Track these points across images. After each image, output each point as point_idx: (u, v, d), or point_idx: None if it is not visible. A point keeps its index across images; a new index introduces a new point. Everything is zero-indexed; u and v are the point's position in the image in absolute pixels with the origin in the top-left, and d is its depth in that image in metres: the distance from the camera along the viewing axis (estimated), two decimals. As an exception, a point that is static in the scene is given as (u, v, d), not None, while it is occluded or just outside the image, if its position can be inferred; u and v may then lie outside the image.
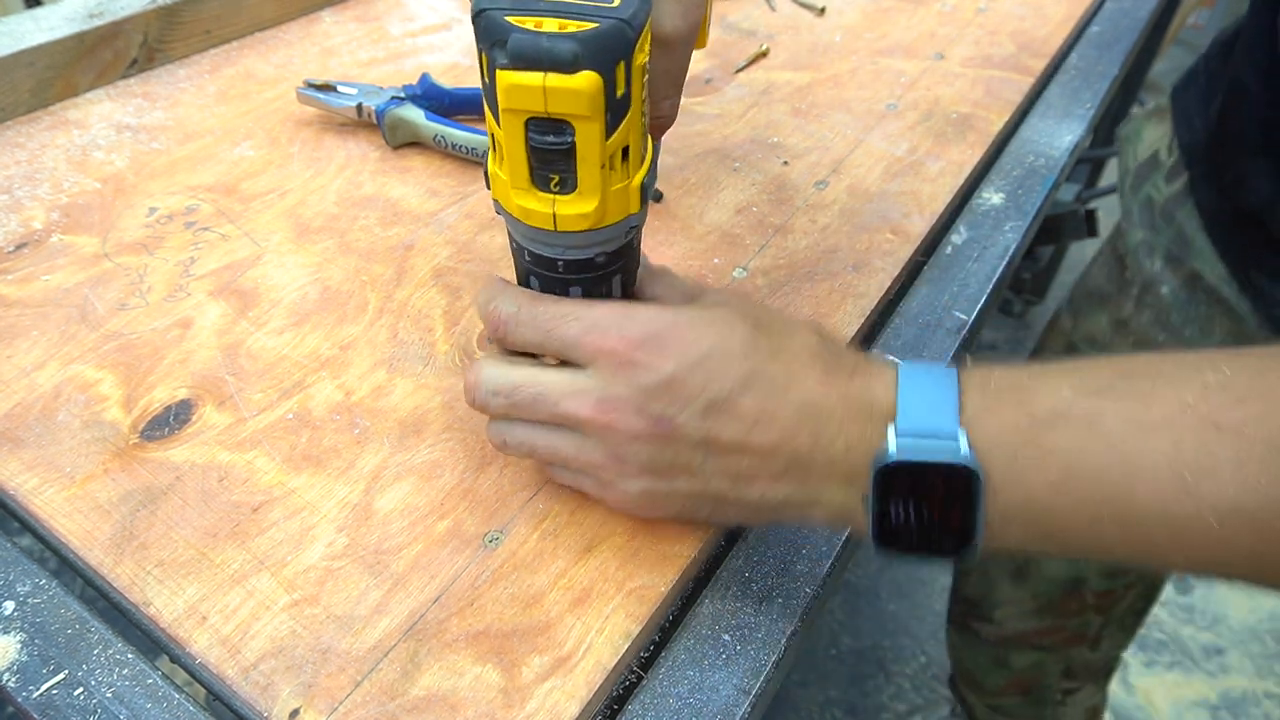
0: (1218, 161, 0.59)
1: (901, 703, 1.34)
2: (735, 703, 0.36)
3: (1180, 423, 0.30)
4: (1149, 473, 0.30)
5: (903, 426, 0.33)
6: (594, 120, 0.34)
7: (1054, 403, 0.32)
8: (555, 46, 0.32)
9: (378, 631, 0.37)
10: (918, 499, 0.33)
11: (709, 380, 0.35)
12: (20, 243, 0.54)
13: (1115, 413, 0.31)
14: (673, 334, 0.36)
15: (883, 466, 0.33)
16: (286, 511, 0.41)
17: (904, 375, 0.34)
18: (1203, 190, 0.61)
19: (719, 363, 0.35)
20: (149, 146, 0.62)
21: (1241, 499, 0.29)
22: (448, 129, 0.62)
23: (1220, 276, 0.61)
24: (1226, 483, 0.29)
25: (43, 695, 0.35)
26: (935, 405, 0.33)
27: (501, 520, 0.41)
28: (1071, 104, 0.73)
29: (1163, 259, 0.65)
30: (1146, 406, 0.31)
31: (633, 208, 0.38)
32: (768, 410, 0.34)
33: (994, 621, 0.90)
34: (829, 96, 0.72)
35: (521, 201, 0.37)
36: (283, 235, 0.56)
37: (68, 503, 0.41)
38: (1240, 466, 0.29)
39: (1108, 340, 0.70)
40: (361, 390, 0.47)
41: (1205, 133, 0.61)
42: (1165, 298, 0.65)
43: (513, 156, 0.35)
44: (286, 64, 0.72)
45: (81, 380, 0.46)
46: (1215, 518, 0.29)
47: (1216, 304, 0.62)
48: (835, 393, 0.35)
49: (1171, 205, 0.64)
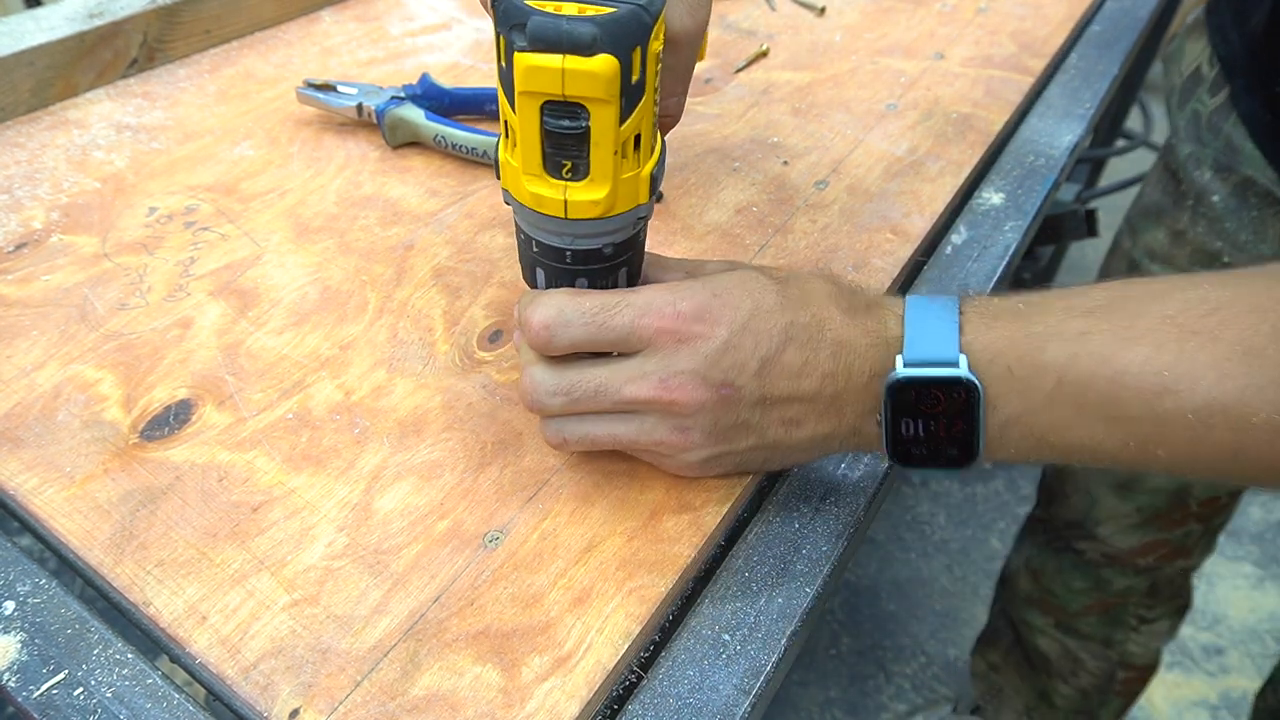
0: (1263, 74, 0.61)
1: (901, 703, 1.34)
2: (735, 703, 0.36)
3: (1160, 331, 0.33)
4: (1133, 376, 0.33)
5: (909, 355, 0.36)
6: (610, 104, 0.34)
7: (1046, 322, 0.35)
8: (575, 29, 0.32)
9: (378, 631, 0.37)
10: (925, 414, 0.36)
11: (758, 339, 0.37)
12: (20, 243, 0.54)
13: (1102, 328, 0.34)
14: (717, 303, 0.38)
15: (892, 384, 0.36)
16: (286, 511, 0.41)
17: (910, 308, 0.38)
18: (1245, 101, 0.63)
19: (763, 320, 0.38)
20: (149, 146, 0.62)
21: (1215, 395, 0.32)
22: (448, 129, 0.62)
23: (1272, 180, 0.63)
24: (1202, 380, 0.32)
25: (43, 695, 0.35)
26: (939, 333, 0.36)
27: (501, 520, 0.41)
28: (1071, 104, 0.73)
29: (1211, 169, 0.67)
30: (1131, 320, 0.34)
31: (641, 198, 0.38)
32: (809, 357, 0.38)
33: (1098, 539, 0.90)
34: (829, 96, 0.72)
35: (533, 188, 0.37)
36: (283, 235, 0.56)
37: (67, 503, 0.41)
38: (1214, 366, 0.32)
39: (1167, 252, 0.72)
40: (361, 390, 0.47)
41: (1243, 47, 0.63)
42: (1216, 206, 0.67)
43: (526, 141, 0.35)
44: (286, 64, 0.72)
45: (81, 380, 0.46)
46: (1193, 413, 0.32)
47: (1269, 206, 0.64)
48: (857, 328, 0.38)
49: (1217, 117, 0.66)
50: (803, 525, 0.43)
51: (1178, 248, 0.71)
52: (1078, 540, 0.93)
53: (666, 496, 0.43)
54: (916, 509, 1.60)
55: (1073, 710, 1.04)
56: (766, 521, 0.43)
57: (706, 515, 0.42)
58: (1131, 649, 0.96)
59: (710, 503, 0.42)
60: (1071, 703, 1.03)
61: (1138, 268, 0.75)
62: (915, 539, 1.55)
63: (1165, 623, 0.96)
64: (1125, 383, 0.33)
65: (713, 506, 0.42)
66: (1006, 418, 0.36)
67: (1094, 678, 1.00)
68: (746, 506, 0.44)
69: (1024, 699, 1.11)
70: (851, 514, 0.43)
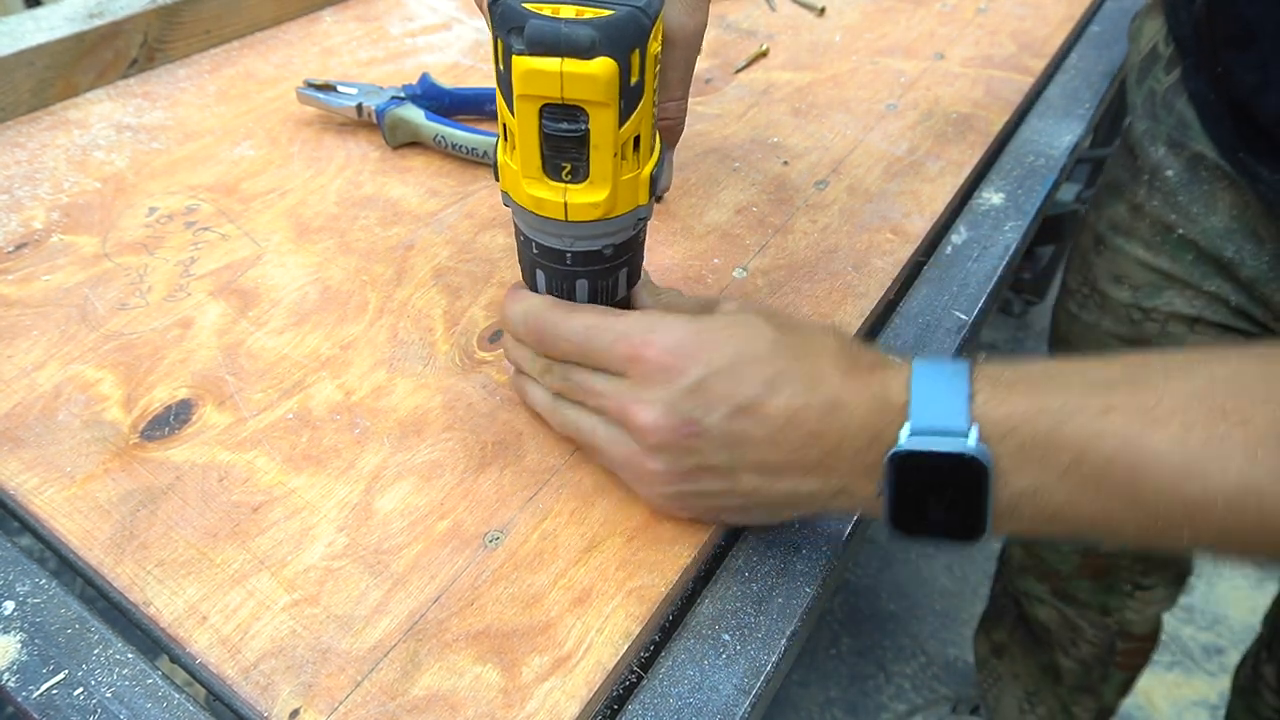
0: (1205, 52, 0.63)
1: (901, 703, 1.34)
2: (735, 703, 0.36)
3: (1188, 411, 0.31)
4: (1159, 458, 0.31)
5: (916, 423, 0.34)
6: (609, 107, 0.34)
7: (1064, 396, 0.33)
8: (574, 32, 0.32)
9: (378, 631, 0.37)
10: (930, 487, 0.35)
11: (738, 384, 0.36)
12: (20, 243, 0.54)
13: (1125, 405, 0.32)
14: (700, 340, 0.37)
15: (895, 456, 0.34)
16: (286, 511, 0.41)
17: (918, 372, 0.36)
18: (1193, 79, 0.65)
19: (747, 366, 0.36)
20: (149, 146, 0.62)
21: (1248, 481, 0.30)
22: (448, 129, 0.62)
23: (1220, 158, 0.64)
24: (1233, 466, 0.30)
25: (43, 695, 0.35)
26: (947, 401, 0.34)
27: (501, 520, 0.41)
28: (1071, 104, 0.73)
29: (1165, 145, 0.68)
30: (1156, 398, 0.32)
31: (641, 199, 0.38)
32: (796, 408, 0.36)
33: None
34: (829, 96, 0.72)
35: (533, 191, 0.37)
36: (283, 235, 0.56)
37: (68, 503, 0.41)
38: (1246, 450, 0.30)
39: (1128, 225, 0.74)
40: (362, 390, 0.47)
41: (1192, 25, 0.64)
42: (1170, 180, 0.68)
43: (525, 145, 0.35)
44: (286, 64, 0.72)
45: (81, 380, 0.46)
46: (1222, 499, 0.31)
47: (1219, 180, 0.65)
48: (858, 389, 0.36)
49: (1171, 94, 0.67)
50: (803, 525, 0.43)
51: (1137, 220, 0.73)
52: None
53: (666, 496, 0.43)
54: (916, 509, 1.60)
55: (1076, 686, 1.05)
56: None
57: (706, 515, 0.42)
58: (1129, 616, 0.97)
59: (710, 503, 0.42)
60: (1075, 677, 1.04)
61: (1102, 240, 0.77)
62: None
63: (1162, 590, 0.97)
64: (1149, 466, 0.32)
65: (713, 506, 0.42)
66: (1018, 492, 0.34)
67: (1094, 647, 1.00)
68: (746, 506, 0.44)
69: (1025, 683, 1.11)
70: (852, 514, 0.43)
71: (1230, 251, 0.66)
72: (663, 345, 0.37)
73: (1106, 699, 1.05)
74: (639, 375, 0.37)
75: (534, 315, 0.41)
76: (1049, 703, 1.09)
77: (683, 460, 0.38)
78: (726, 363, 0.36)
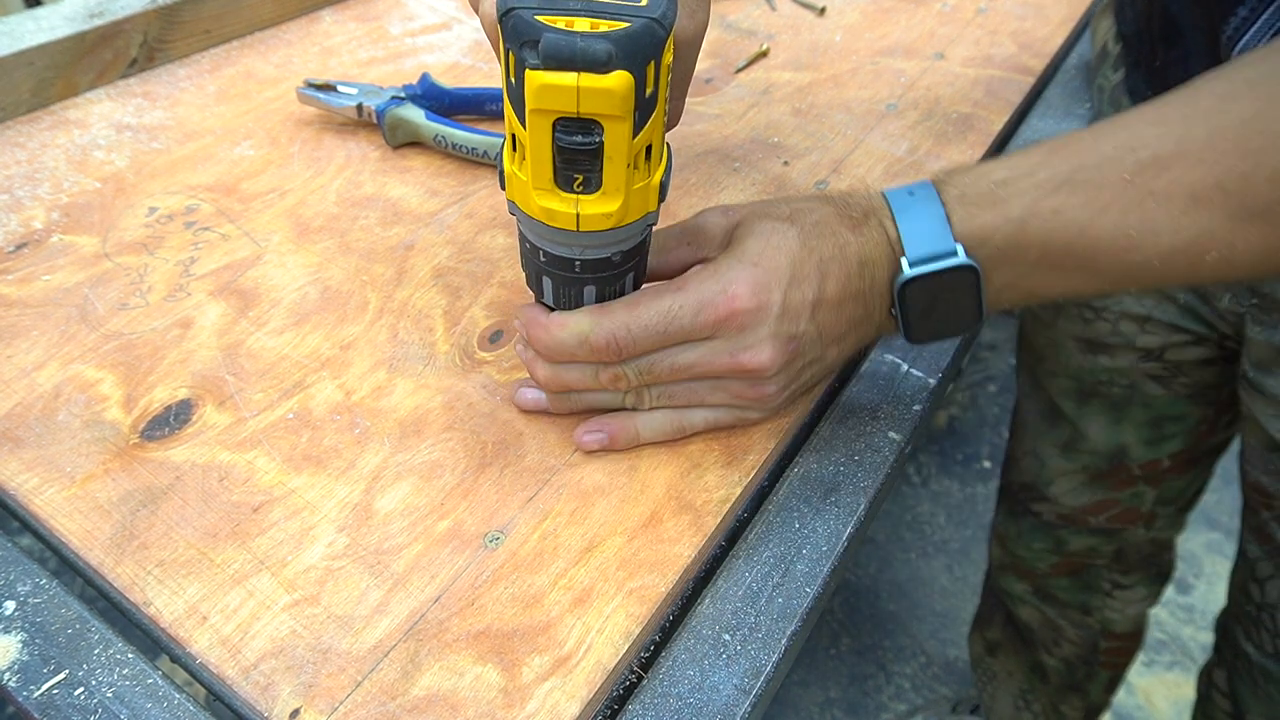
0: (1144, 48, 0.65)
1: (901, 703, 1.34)
2: (735, 703, 0.36)
3: (1123, 198, 0.39)
4: (1105, 240, 0.39)
5: (913, 253, 0.41)
6: (624, 120, 0.33)
7: (1022, 204, 0.40)
8: (590, 46, 0.31)
9: (378, 631, 0.37)
10: (934, 298, 0.42)
11: (802, 286, 0.41)
12: (20, 243, 0.54)
13: (1073, 204, 0.39)
14: (760, 271, 0.41)
15: (904, 282, 0.41)
16: (287, 511, 0.41)
17: (896, 207, 0.42)
18: (1134, 76, 0.67)
19: (800, 267, 0.41)
20: (149, 146, 0.62)
21: (1174, 241, 0.38)
22: (448, 129, 0.62)
23: None
24: (1162, 232, 0.38)
25: (43, 695, 0.35)
26: (931, 228, 0.41)
27: (501, 520, 0.41)
28: (1071, 104, 0.73)
29: None
30: (1097, 191, 0.39)
31: (651, 205, 0.38)
32: (844, 283, 0.42)
33: (1051, 499, 0.93)
34: (829, 96, 0.72)
35: (544, 202, 0.36)
36: (283, 235, 0.56)
37: (68, 503, 0.41)
38: (1170, 219, 0.38)
39: None
40: (362, 390, 0.47)
41: (1135, 24, 0.66)
42: None
43: (536, 157, 0.35)
44: (286, 64, 0.72)
45: (81, 380, 0.46)
46: (1158, 259, 0.39)
47: None
48: (870, 241, 0.42)
49: (1117, 91, 0.69)
50: (803, 525, 0.43)
51: None
52: (1034, 503, 0.96)
53: (666, 496, 0.43)
54: (916, 509, 1.60)
55: (1063, 685, 1.05)
56: (766, 522, 0.43)
57: (706, 515, 0.42)
58: (1110, 615, 0.98)
59: (710, 503, 0.42)
60: (1060, 676, 1.04)
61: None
62: (915, 539, 1.55)
63: (1142, 589, 0.97)
64: (1100, 247, 0.39)
65: (713, 506, 0.42)
66: (1000, 285, 0.42)
67: (1076, 647, 1.01)
68: (746, 506, 0.44)
69: (1019, 681, 1.11)
70: (851, 514, 0.43)
71: None
72: (743, 294, 0.40)
73: (1094, 697, 1.05)
74: (735, 327, 0.41)
75: (597, 328, 0.40)
76: (1042, 700, 1.09)
77: (792, 368, 0.43)
78: (788, 275, 0.41)
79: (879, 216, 0.42)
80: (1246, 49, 0.51)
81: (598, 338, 0.40)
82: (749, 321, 0.41)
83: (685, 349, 0.42)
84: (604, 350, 0.41)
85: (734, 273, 0.41)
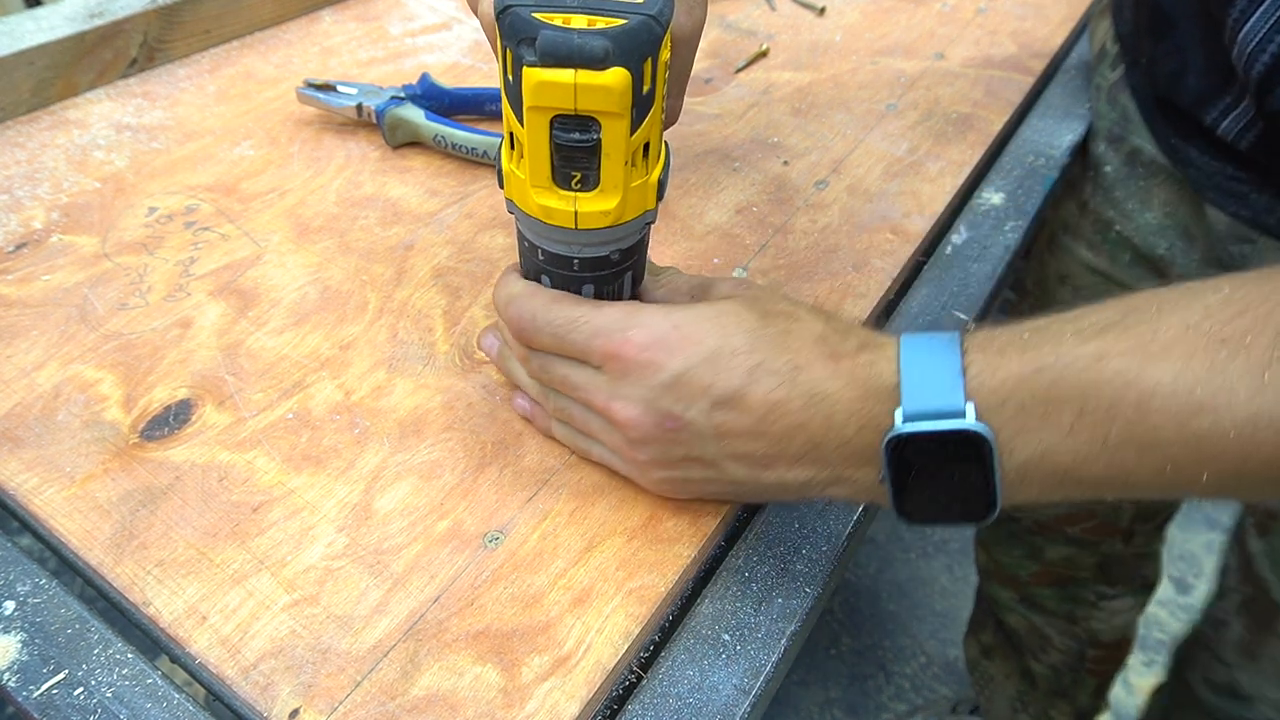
0: (1142, 44, 0.65)
1: (901, 703, 1.34)
2: (735, 703, 0.36)
3: (1186, 343, 0.30)
4: (1162, 397, 0.30)
5: (909, 406, 0.33)
6: (622, 117, 0.33)
7: (1057, 351, 0.32)
8: (587, 43, 0.32)
9: (378, 631, 0.37)
10: (932, 469, 0.33)
11: (716, 376, 0.36)
12: (20, 243, 0.54)
13: (1119, 347, 0.31)
14: (678, 334, 0.37)
15: (893, 441, 0.33)
16: (286, 511, 0.41)
17: (906, 350, 0.35)
18: (1132, 73, 0.67)
19: (726, 358, 0.36)
20: (149, 146, 0.62)
21: (1258, 407, 0.29)
22: (448, 129, 0.62)
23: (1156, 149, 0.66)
24: (1239, 393, 0.29)
25: (43, 695, 0.35)
26: (940, 378, 0.33)
27: (501, 520, 0.41)
28: (1071, 104, 0.73)
29: (1105, 140, 0.70)
30: (1152, 335, 0.31)
31: (649, 203, 0.38)
32: (778, 400, 0.35)
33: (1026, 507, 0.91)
34: (829, 96, 0.72)
35: (542, 200, 0.36)
36: (283, 235, 0.56)
37: (68, 503, 0.41)
38: (1251, 375, 0.29)
39: (1075, 223, 0.75)
40: (361, 390, 0.47)
41: (1132, 22, 0.66)
42: (1109, 175, 0.70)
43: (534, 155, 0.35)
44: (286, 64, 0.72)
45: (81, 380, 0.46)
46: (1233, 428, 0.29)
47: (1155, 175, 0.66)
48: (843, 376, 0.35)
49: (1115, 89, 0.69)
50: (803, 525, 0.43)
51: (1083, 218, 0.74)
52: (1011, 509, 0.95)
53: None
54: (916, 509, 1.60)
55: (1051, 691, 1.05)
56: (766, 521, 0.43)
57: (706, 515, 0.42)
58: (1096, 626, 0.98)
59: (710, 503, 0.42)
60: (1048, 682, 1.05)
61: (1054, 239, 0.78)
62: (915, 539, 1.55)
63: (1128, 599, 0.97)
64: (1154, 405, 0.30)
65: (713, 506, 0.42)
66: (1025, 460, 0.33)
67: (1063, 655, 1.01)
68: (746, 506, 0.44)
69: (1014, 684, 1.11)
70: (852, 514, 0.43)
71: (1162, 249, 0.67)
72: (639, 342, 0.37)
73: (1081, 702, 1.05)
74: (617, 372, 0.37)
75: (516, 303, 0.40)
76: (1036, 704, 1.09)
77: (670, 451, 0.38)
78: (705, 356, 0.36)
79: (878, 357, 0.35)
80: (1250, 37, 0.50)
81: (512, 310, 0.40)
82: (630, 371, 0.37)
83: (576, 367, 0.39)
84: (513, 324, 0.40)
85: (650, 320, 0.37)
